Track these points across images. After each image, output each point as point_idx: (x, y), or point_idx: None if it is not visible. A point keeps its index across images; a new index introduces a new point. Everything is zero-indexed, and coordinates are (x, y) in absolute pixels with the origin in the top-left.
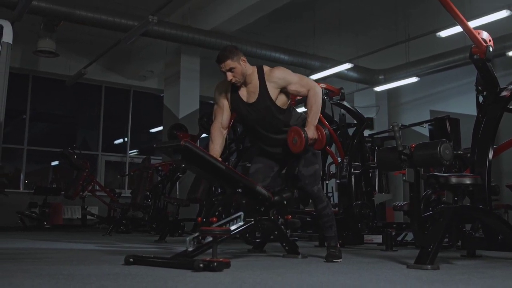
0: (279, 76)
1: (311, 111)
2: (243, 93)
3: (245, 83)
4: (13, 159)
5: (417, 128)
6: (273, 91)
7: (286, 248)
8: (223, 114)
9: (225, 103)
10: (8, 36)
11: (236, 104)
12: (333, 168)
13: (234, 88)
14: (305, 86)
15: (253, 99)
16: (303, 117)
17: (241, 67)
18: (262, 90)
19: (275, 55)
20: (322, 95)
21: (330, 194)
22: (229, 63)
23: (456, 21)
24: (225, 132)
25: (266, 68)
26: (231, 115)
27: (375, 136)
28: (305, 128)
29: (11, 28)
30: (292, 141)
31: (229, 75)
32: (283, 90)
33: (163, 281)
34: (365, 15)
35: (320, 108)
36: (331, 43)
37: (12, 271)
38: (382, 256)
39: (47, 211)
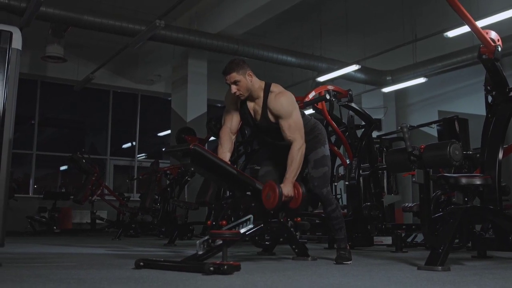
0: (275, 107)
1: (290, 167)
2: (251, 106)
3: (252, 98)
4: (22, 164)
5: (425, 129)
6: (271, 116)
7: (296, 250)
8: (232, 119)
9: (235, 109)
10: (17, 43)
11: (245, 116)
12: (341, 170)
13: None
14: (292, 134)
15: (258, 116)
16: (313, 122)
17: (246, 81)
18: (264, 112)
19: (282, 58)
20: (330, 97)
21: (339, 196)
22: (234, 75)
23: (463, 21)
24: (234, 136)
25: (273, 88)
26: (240, 120)
27: (384, 137)
28: (282, 185)
29: (20, 35)
30: (266, 196)
31: (234, 88)
32: None
33: (174, 285)
34: (372, 16)
35: (300, 166)
36: (338, 45)
37: (24, 276)
38: (392, 257)
39: (56, 216)
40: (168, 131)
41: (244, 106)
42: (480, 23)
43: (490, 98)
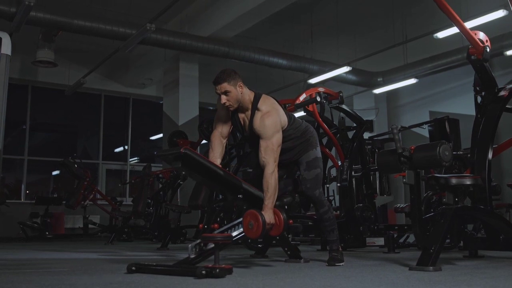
0: (259, 128)
1: (267, 193)
2: (241, 116)
3: (242, 109)
4: (13, 170)
5: (417, 130)
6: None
7: (288, 252)
8: (224, 124)
9: (226, 114)
10: (6, 48)
11: (235, 124)
12: (333, 172)
13: None
14: (266, 156)
15: (246, 127)
16: (304, 125)
17: (236, 92)
18: (251, 125)
19: (273, 60)
20: (321, 99)
21: (331, 198)
22: (225, 86)
23: (452, 22)
24: (225, 140)
25: (261, 105)
26: (231, 125)
27: (375, 138)
28: (262, 212)
29: (9, 40)
30: (248, 225)
31: (223, 98)
32: None
33: None
34: (363, 17)
35: (277, 191)
36: (329, 46)
37: (16, 282)
38: (384, 258)
39: (48, 221)
40: (160, 135)
41: (235, 115)
42: (468, 24)
43: (479, 99)
